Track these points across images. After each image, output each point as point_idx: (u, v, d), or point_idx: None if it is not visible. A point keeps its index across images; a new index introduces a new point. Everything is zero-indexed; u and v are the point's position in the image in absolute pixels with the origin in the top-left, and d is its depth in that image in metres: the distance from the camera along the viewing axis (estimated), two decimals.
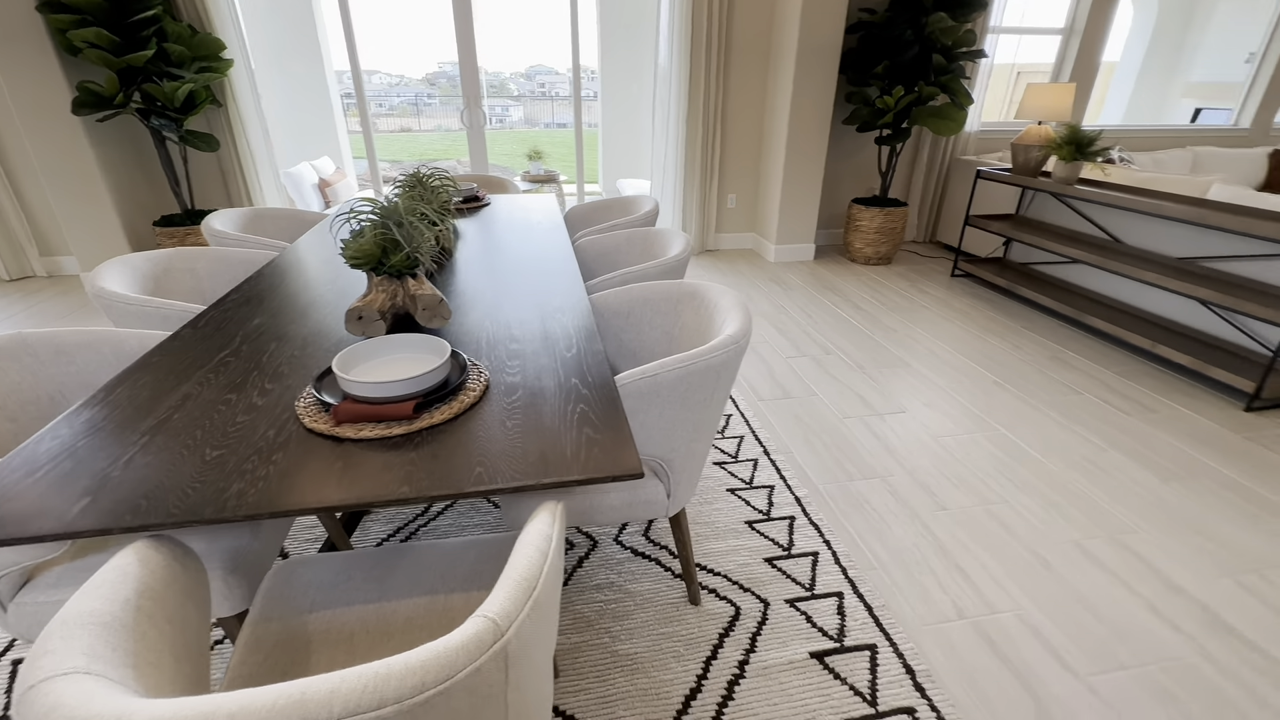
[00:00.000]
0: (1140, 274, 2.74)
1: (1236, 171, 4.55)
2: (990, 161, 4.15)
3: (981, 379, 2.62)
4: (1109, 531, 1.73)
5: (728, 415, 2.32)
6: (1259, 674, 1.32)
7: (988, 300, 3.55)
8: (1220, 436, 2.20)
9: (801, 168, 4.01)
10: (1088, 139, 3.10)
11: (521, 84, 30.13)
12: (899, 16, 3.59)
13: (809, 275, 3.97)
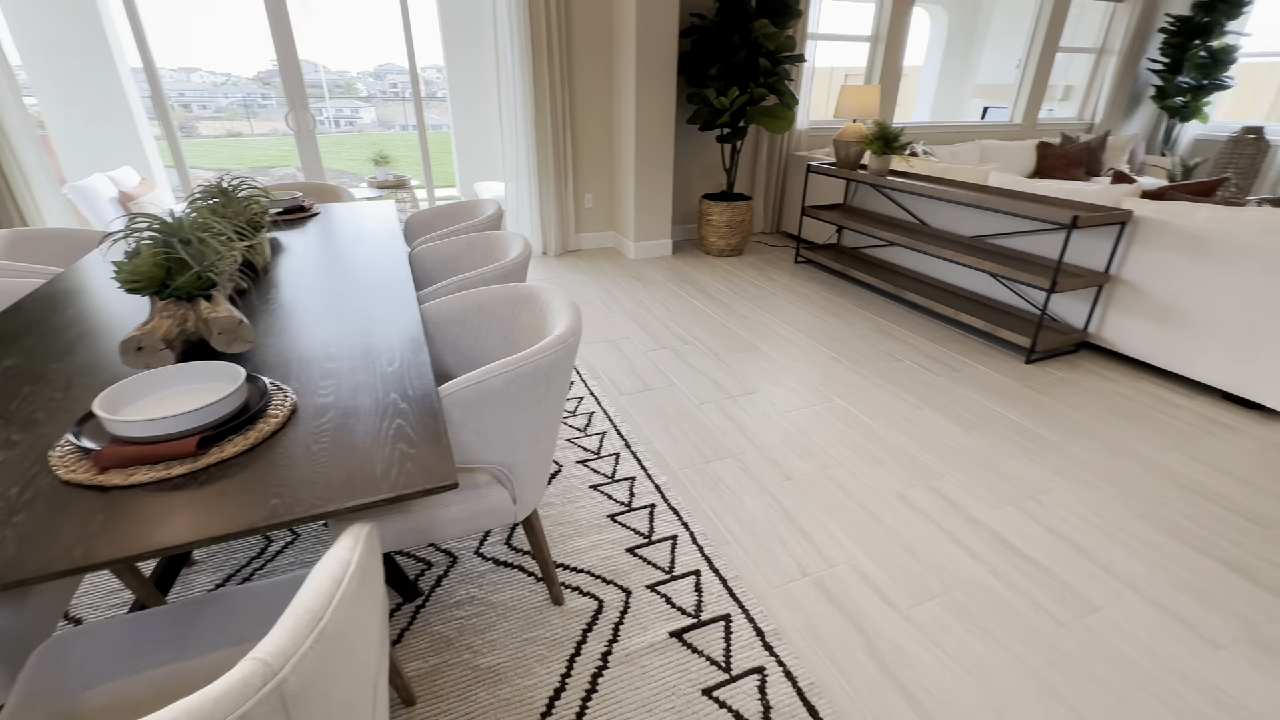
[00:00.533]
0: (941, 252, 3.13)
1: (1013, 161, 5.35)
2: (820, 156, 4.54)
3: (821, 355, 2.86)
4: (923, 479, 1.97)
5: (590, 413, 2.34)
6: (1034, 582, 1.57)
7: (826, 283, 3.88)
8: (1007, 387, 2.58)
9: (652, 167, 4.14)
10: (893, 135, 3.49)
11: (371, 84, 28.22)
12: (727, 21, 3.82)
13: (668, 270, 4.11)
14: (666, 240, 4.43)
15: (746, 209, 4.31)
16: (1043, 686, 1.30)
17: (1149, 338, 2.66)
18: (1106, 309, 2.80)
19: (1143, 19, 5.77)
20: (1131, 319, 2.71)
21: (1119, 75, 5.95)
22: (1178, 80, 5.84)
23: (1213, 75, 5.67)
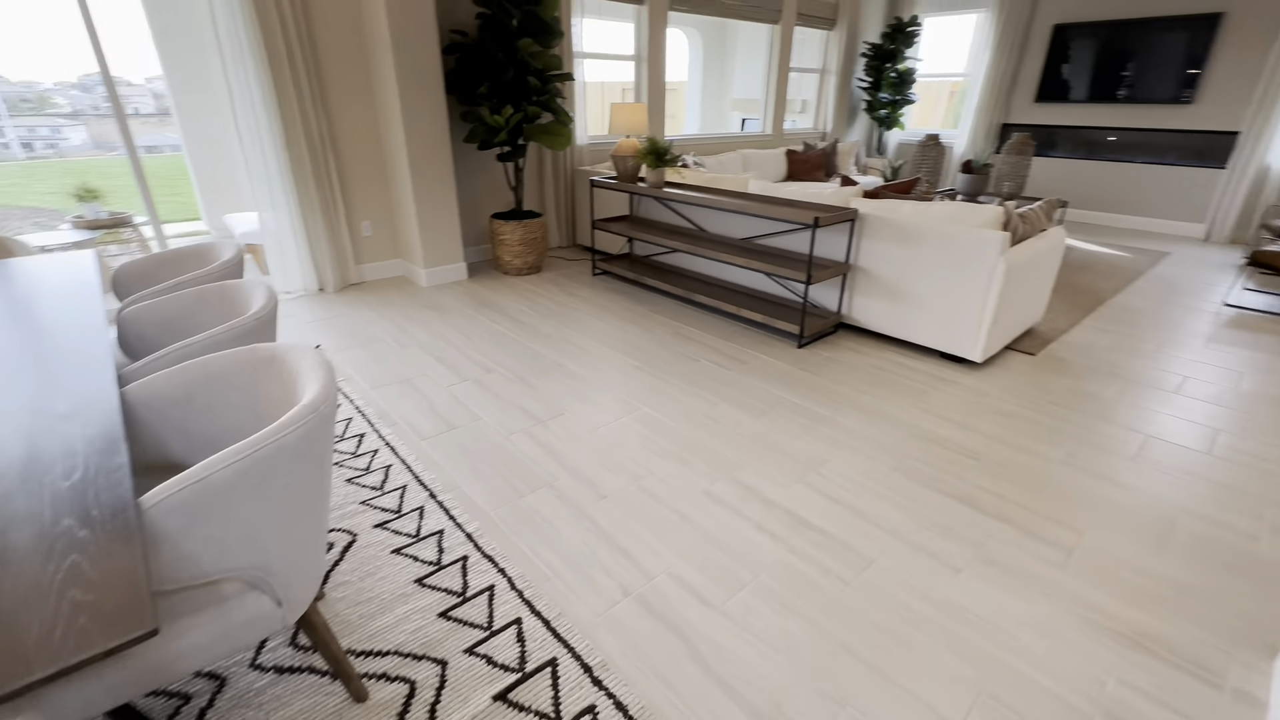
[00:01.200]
0: (718, 255, 3.41)
1: (769, 167, 6.05)
2: (602, 171, 4.68)
3: (625, 365, 2.94)
4: (725, 472, 2.11)
5: (386, 466, 2.12)
6: (823, 550, 1.75)
7: (624, 293, 4.02)
8: (786, 373, 2.88)
9: (432, 189, 3.92)
10: (664, 149, 3.72)
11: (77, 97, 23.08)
12: (488, 39, 3.75)
13: (465, 295, 3.93)
14: (460, 264, 4.24)
15: (539, 226, 4.29)
16: (836, 645, 1.45)
17: (884, 314, 3.16)
18: (852, 293, 3.28)
19: (849, 45, 6.91)
20: (870, 299, 3.20)
21: (839, 91, 7.05)
22: (879, 96, 7.09)
23: (902, 92, 6.99)
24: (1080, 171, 6.40)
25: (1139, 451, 2.26)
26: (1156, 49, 5.67)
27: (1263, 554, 1.75)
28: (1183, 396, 2.68)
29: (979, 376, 2.86)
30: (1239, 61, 5.33)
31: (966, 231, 2.76)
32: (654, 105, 5.39)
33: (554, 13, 3.81)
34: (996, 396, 2.67)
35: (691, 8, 5.39)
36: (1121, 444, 2.31)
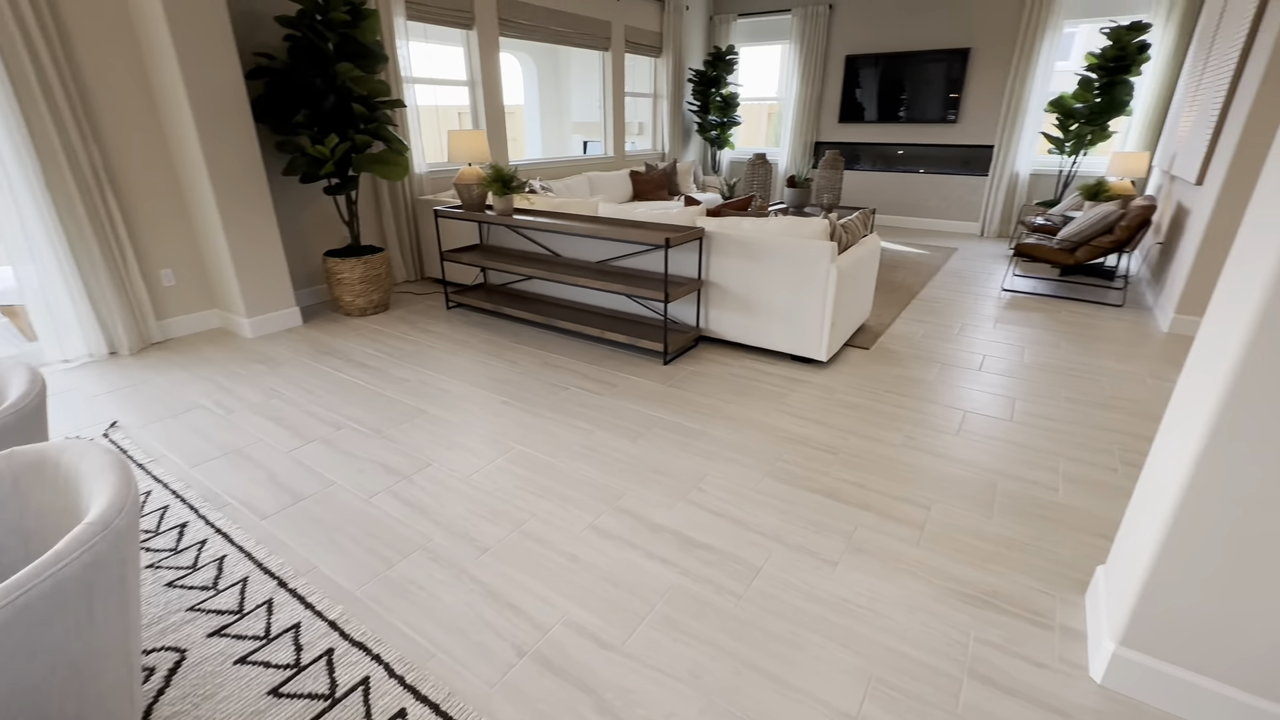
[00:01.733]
0: (575, 280, 3.39)
1: (615, 189, 6.19)
2: (446, 200, 4.48)
3: (492, 403, 2.80)
4: (609, 502, 2.07)
5: (219, 558, 1.81)
6: (713, 567, 1.78)
7: (483, 325, 3.85)
8: (655, 391, 2.93)
9: (249, 227, 3.48)
10: (509, 176, 3.64)
11: None
12: (301, 64, 3.43)
13: (301, 343, 3.53)
14: (292, 309, 3.80)
15: (381, 261, 3.98)
16: (738, 663, 1.47)
17: (739, 324, 3.34)
18: (708, 307, 3.43)
19: (676, 71, 7.32)
20: (725, 311, 3.37)
21: (672, 114, 7.43)
22: (709, 118, 7.58)
23: (728, 115, 7.53)
24: (882, 182, 7.33)
25: (960, 426, 2.59)
26: (925, 77, 6.68)
27: (1061, 502, 2.08)
28: (985, 373, 3.13)
29: (826, 374, 3.11)
30: (986, 87, 6.44)
31: (800, 243, 3.00)
32: (494, 131, 5.28)
33: (375, 36, 3.58)
34: (843, 391, 2.92)
35: (521, 33, 5.38)
36: (947, 421, 2.63)
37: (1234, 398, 1.10)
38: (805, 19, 7.11)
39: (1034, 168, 6.51)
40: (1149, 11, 5.55)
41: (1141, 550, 1.34)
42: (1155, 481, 1.36)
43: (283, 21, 3.35)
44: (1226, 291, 1.22)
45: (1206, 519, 1.19)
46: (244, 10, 3.55)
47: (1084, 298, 4.42)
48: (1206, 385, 1.19)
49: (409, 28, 4.39)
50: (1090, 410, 2.73)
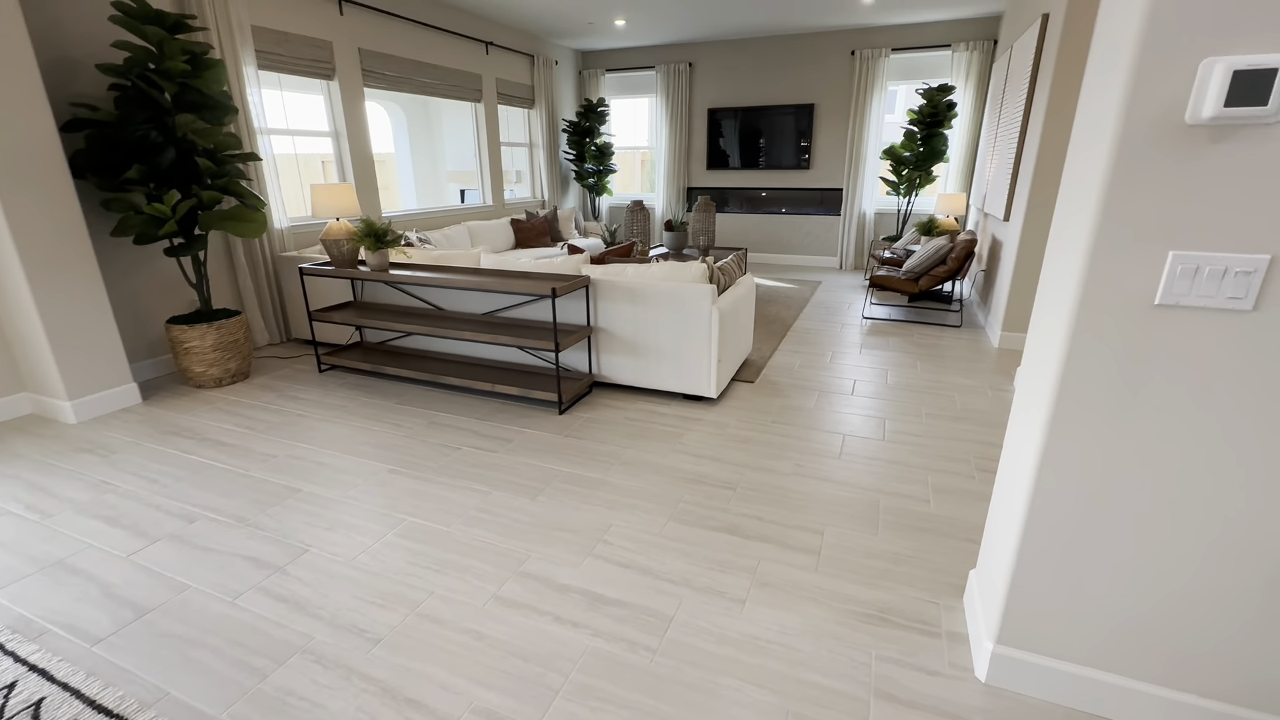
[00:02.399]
0: (461, 334, 3.28)
1: (496, 238, 6.14)
2: (312, 256, 4.19)
3: (377, 472, 2.60)
4: (512, 568, 1.98)
5: (35, 703, 1.49)
6: (625, 623, 1.75)
7: (361, 386, 3.60)
8: (552, 442, 2.87)
9: (67, 297, 3.03)
10: (382, 230, 3.48)
11: None
12: (135, 116, 3.10)
13: (141, 424, 3.09)
14: (129, 385, 3.33)
15: (238, 325, 3.62)
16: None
17: (630, 367, 3.39)
18: (599, 352, 3.45)
19: (550, 122, 7.47)
20: (615, 356, 3.41)
21: (549, 163, 7.55)
22: (585, 166, 7.79)
23: (604, 163, 7.79)
24: (751, 222, 7.88)
25: (842, 449, 2.78)
26: (780, 128, 7.34)
27: (934, 513, 2.28)
28: (857, 396, 3.41)
29: (717, 410, 3.23)
30: (831, 137, 7.20)
31: (682, 287, 3.13)
32: (362, 181, 5.06)
33: (221, 87, 3.33)
34: (734, 426, 3.04)
35: (387, 84, 5.25)
36: (829, 446, 2.81)
37: (1059, 403, 1.28)
38: (669, 75, 7.59)
39: (877, 207, 7.31)
40: (951, 76, 6.53)
41: (1002, 551, 1.49)
42: (1005, 486, 1.53)
43: (107, 70, 3.02)
44: (1040, 313, 1.42)
45: (1050, 515, 1.35)
46: (56, 57, 3.16)
47: (930, 321, 4.98)
48: (1035, 395, 1.37)
49: (261, 76, 4.13)
50: (947, 424, 3.04)
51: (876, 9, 5.87)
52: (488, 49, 6.33)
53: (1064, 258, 1.29)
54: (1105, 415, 1.24)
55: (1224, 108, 1.01)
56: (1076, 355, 1.23)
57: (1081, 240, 1.19)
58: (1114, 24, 1.17)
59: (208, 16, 3.67)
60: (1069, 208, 1.30)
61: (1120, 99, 1.09)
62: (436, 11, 5.62)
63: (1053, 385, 1.27)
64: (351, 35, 4.80)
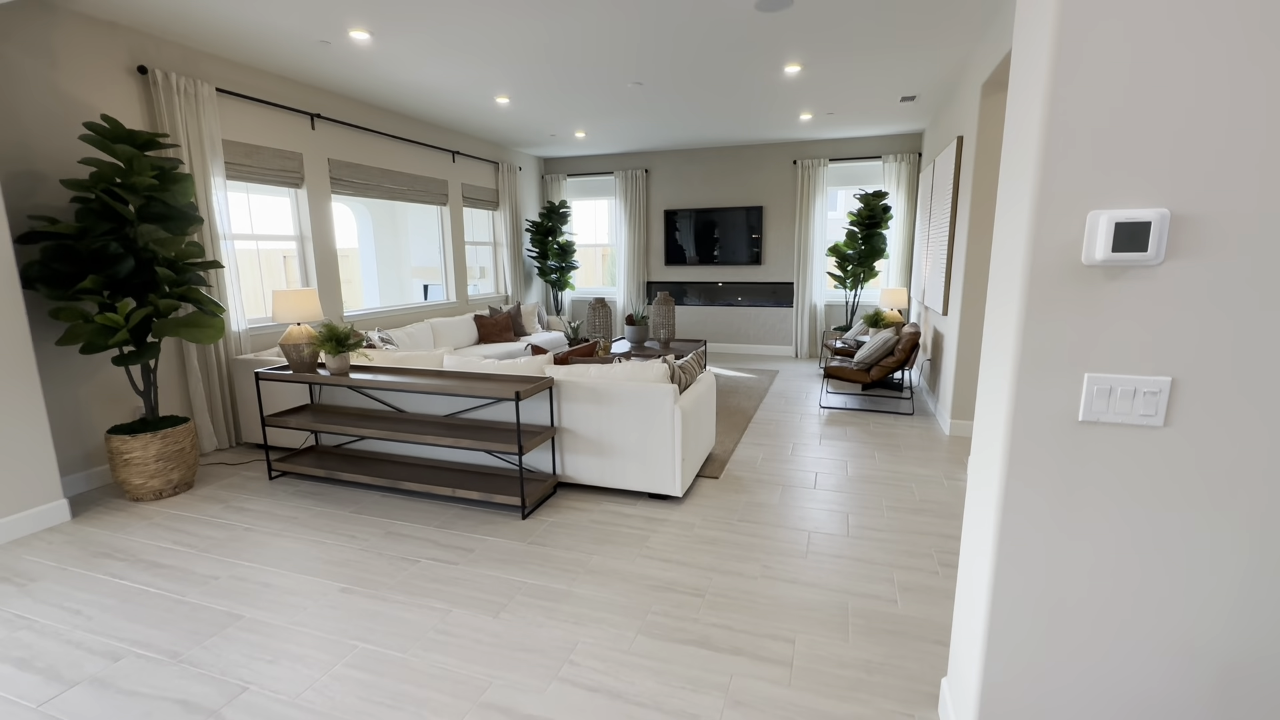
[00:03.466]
0: (422, 439, 3.23)
1: (460, 334, 6.19)
2: (269, 358, 4.13)
3: (329, 592, 2.46)
4: (473, 699, 1.86)
5: None
6: None
7: (314, 494, 3.46)
8: (515, 551, 2.79)
9: (2, 410, 2.88)
10: (344, 334, 3.48)
11: None
12: (95, 228, 3.11)
13: (68, 546, 2.87)
14: (57, 502, 3.11)
15: (185, 433, 3.48)
16: None
17: (595, 467, 3.37)
18: (563, 453, 3.43)
19: (514, 222, 7.78)
20: (580, 456, 3.39)
21: (512, 261, 7.78)
22: (549, 263, 8.06)
23: (566, 260, 8.07)
24: (708, 314, 8.18)
25: (808, 548, 2.79)
26: (732, 227, 7.81)
27: (902, 614, 2.28)
28: (820, 490, 3.45)
29: (683, 510, 3.21)
30: (780, 235, 7.68)
31: (645, 387, 3.20)
32: (325, 282, 5.10)
33: (189, 199, 3.39)
34: (701, 526, 3.02)
35: (355, 191, 5.43)
36: (795, 544, 2.82)
37: (1005, 515, 1.34)
38: (626, 179, 8.09)
39: (827, 299, 7.72)
40: (884, 183, 7.16)
41: (969, 659, 1.50)
42: (966, 592, 1.56)
43: (72, 185, 3.05)
44: (981, 425, 1.52)
45: (1012, 621, 1.38)
46: (21, 171, 3.19)
47: (883, 409, 5.16)
48: (984, 508, 1.44)
49: (228, 185, 4.22)
50: (907, 516, 3.09)
51: (813, 126, 6.49)
52: (454, 157, 6.66)
53: (995, 377, 1.40)
54: (1050, 523, 1.31)
55: (1111, 253, 1.16)
56: (1016, 466, 1.31)
57: (1008, 363, 1.31)
58: (1013, 176, 1.35)
59: (179, 133, 3.79)
60: (994, 333, 1.44)
61: (1025, 241, 1.24)
62: (406, 125, 5.94)
63: (998, 497, 1.34)
64: (322, 147, 5.00)
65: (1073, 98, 1.16)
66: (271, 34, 3.74)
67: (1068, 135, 1.17)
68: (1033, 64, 1.24)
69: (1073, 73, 1.15)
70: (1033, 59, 1.25)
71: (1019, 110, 1.33)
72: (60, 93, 3.33)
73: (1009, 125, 1.40)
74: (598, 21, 3.59)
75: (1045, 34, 1.18)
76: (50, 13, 3.27)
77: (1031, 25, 1.27)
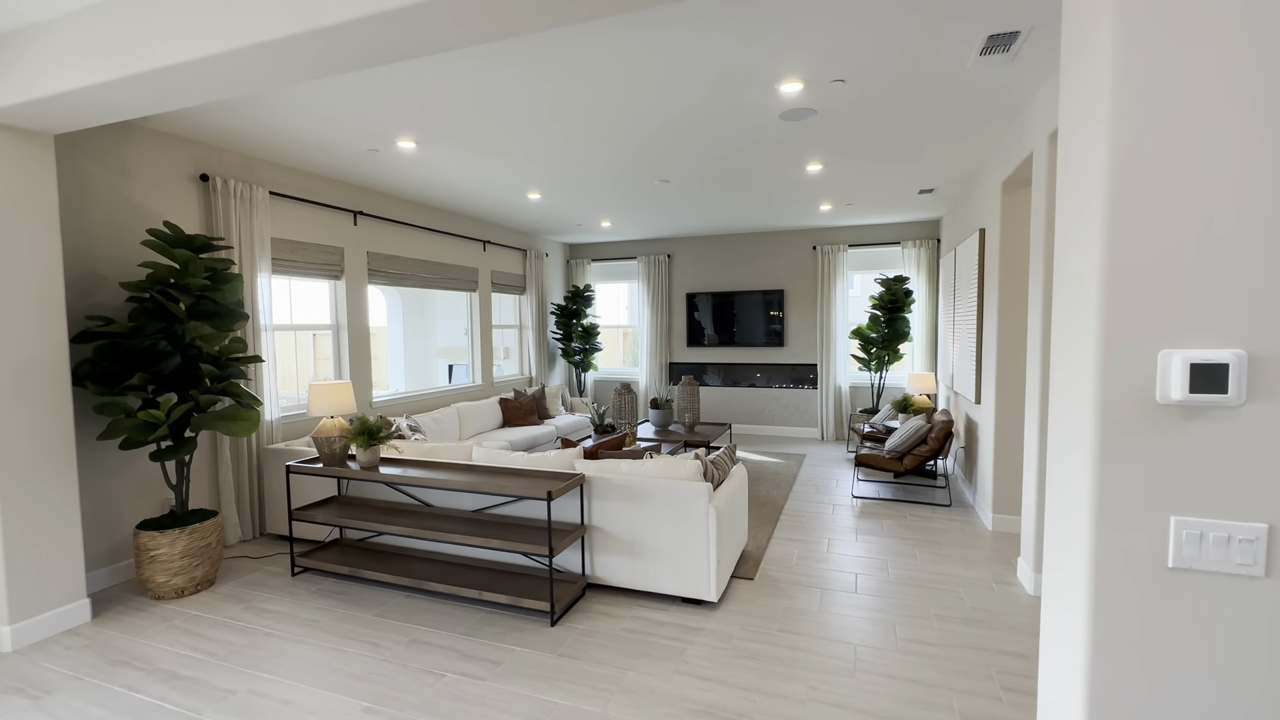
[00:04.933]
0: (450, 537, 3.16)
1: (485, 418, 6.20)
2: (300, 449, 4.15)
3: (350, 712, 2.33)
4: None
5: None
6: None
7: (337, 594, 3.36)
8: (545, 664, 2.64)
9: (36, 513, 2.89)
10: (376, 428, 3.50)
11: None
12: (147, 327, 3.23)
13: (86, 651, 2.79)
14: (80, 602, 3.06)
15: (212, 528, 3.45)
16: None
17: (625, 569, 3.25)
18: (593, 552, 3.32)
19: (540, 306, 7.96)
20: (610, 557, 3.28)
21: (537, 342, 7.91)
22: (572, 345, 8.17)
23: (590, 342, 8.18)
24: (732, 395, 8.14)
25: (855, 664, 2.61)
26: (754, 309, 7.91)
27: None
28: (861, 594, 3.28)
29: (719, 616, 3.05)
30: (802, 318, 7.74)
31: (677, 485, 3.13)
32: (358, 373, 5.19)
33: (237, 298, 3.53)
34: (739, 637, 2.86)
35: (391, 281, 5.63)
36: (841, 660, 2.64)
37: (1094, 669, 1.23)
38: (650, 264, 8.31)
39: (851, 381, 7.66)
40: (904, 267, 7.26)
41: None
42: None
43: (131, 287, 3.20)
44: (1055, 570, 1.43)
45: None
46: (84, 273, 3.36)
47: (918, 499, 4.98)
48: (1070, 661, 1.33)
49: (271, 281, 4.40)
50: (958, 628, 2.90)
51: (833, 215, 6.68)
52: (485, 246, 6.92)
53: (1070, 518, 1.34)
54: (1142, 678, 1.20)
55: (1189, 394, 1.12)
56: (1102, 618, 1.22)
57: (1084, 506, 1.25)
58: (1070, 318, 1.34)
59: (233, 234, 4.00)
60: (1064, 473, 1.38)
61: (1093, 377, 1.21)
62: (440, 218, 6.22)
63: (1085, 650, 1.24)
64: (362, 241, 5.24)
65: (1132, 245, 1.16)
66: (325, 144, 4.01)
67: (1131, 277, 1.17)
68: (1084, 211, 1.26)
69: (1132, 223, 1.16)
70: (1084, 211, 1.26)
71: (1070, 249, 1.33)
72: (127, 201, 3.56)
73: (1059, 265, 1.41)
74: (631, 133, 3.79)
75: (1098, 197, 1.20)
76: (126, 130, 3.55)
77: (1078, 184, 1.30)
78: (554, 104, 3.35)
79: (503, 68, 2.89)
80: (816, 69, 2.94)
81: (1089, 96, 1.26)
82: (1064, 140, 1.41)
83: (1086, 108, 1.27)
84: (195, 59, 2.16)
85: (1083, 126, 1.29)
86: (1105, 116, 1.18)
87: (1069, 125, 1.38)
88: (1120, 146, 1.16)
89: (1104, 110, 1.19)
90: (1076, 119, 1.33)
